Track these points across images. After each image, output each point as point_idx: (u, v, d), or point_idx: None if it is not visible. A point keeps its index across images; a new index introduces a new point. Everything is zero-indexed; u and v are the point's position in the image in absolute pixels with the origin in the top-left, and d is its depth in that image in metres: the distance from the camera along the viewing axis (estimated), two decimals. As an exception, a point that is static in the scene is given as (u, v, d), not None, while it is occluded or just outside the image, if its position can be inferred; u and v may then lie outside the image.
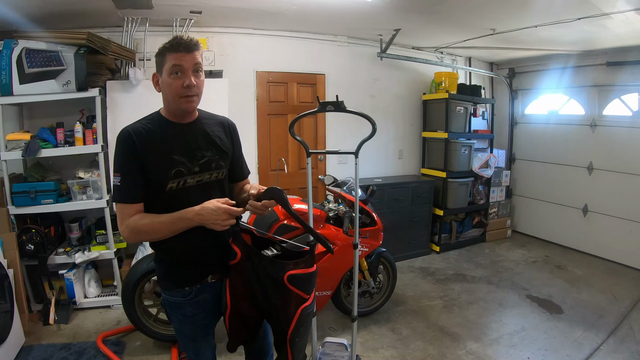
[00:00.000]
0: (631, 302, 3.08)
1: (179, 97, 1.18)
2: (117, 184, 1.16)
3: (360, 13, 3.06)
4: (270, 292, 1.24)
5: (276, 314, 1.28)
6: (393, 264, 2.91)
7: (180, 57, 1.16)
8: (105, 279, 3.15)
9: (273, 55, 3.65)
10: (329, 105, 1.77)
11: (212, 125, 1.33)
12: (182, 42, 1.16)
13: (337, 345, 2.11)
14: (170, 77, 1.17)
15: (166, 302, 1.33)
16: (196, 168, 1.24)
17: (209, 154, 1.27)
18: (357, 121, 1.90)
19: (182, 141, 1.23)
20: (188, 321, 1.31)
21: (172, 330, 2.42)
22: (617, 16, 2.75)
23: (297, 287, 1.21)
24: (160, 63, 1.19)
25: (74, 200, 2.82)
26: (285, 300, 1.23)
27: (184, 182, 1.22)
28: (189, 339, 1.35)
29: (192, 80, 1.17)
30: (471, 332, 2.67)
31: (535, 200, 4.83)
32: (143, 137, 1.17)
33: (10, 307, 2.31)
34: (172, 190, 1.20)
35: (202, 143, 1.27)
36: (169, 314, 1.35)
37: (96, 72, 2.79)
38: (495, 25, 3.28)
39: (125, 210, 1.17)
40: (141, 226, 1.16)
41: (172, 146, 1.21)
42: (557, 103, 4.61)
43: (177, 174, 1.20)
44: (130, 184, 1.16)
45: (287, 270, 1.20)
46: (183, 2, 2.77)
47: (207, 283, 1.30)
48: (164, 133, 1.22)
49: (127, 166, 1.16)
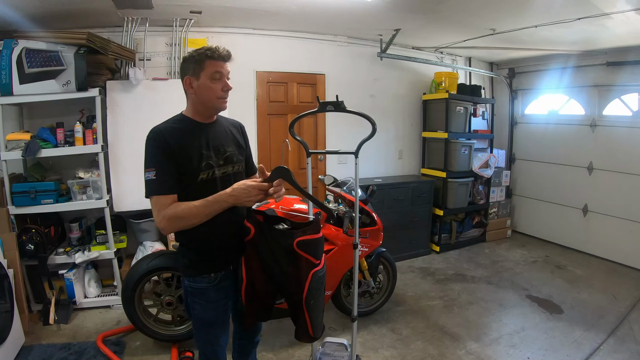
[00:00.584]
0: (631, 302, 3.08)
1: (217, 98, 1.35)
2: (153, 178, 1.26)
3: (360, 13, 3.06)
4: (283, 262, 1.37)
5: (289, 282, 1.39)
6: (393, 264, 2.91)
7: (221, 65, 1.33)
8: (105, 279, 3.15)
9: (273, 55, 3.65)
10: (329, 105, 1.77)
11: (229, 126, 1.51)
12: (222, 52, 1.33)
13: (337, 345, 2.11)
14: (211, 81, 1.32)
15: (189, 289, 1.42)
16: (221, 161, 1.40)
17: (230, 150, 1.44)
18: (357, 121, 1.89)
19: (208, 138, 1.38)
20: (211, 306, 1.41)
21: (172, 330, 2.44)
22: (617, 16, 2.75)
23: (306, 252, 1.34)
24: (198, 69, 1.31)
25: (74, 200, 2.82)
26: (297, 266, 1.35)
27: (212, 173, 1.36)
28: (208, 325, 1.44)
29: (229, 84, 1.36)
30: (471, 332, 2.67)
31: (535, 200, 4.83)
32: (175, 135, 1.30)
33: (10, 307, 2.31)
34: (203, 181, 1.34)
35: (224, 140, 1.44)
36: (190, 302, 1.43)
37: (96, 72, 2.79)
38: (495, 25, 3.28)
39: (162, 201, 1.27)
40: (179, 212, 1.26)
41: (200, 142, 1.35)
42: (557, 103, 4.61)
43: (207, 166, 1.34)
44: (166, 176, 1.27)
45: (296, 237, 1.34)
46: (183, 2, 2.77)
47: (229, 271, 1.44)
48: (192, 131, 1.36)
49: (161, 161, 1.27)
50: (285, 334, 2.61)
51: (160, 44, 3.27)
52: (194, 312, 1.44)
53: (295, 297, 1.39)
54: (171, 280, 2.42)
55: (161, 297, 2.42)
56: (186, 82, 1.34)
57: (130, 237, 3.23)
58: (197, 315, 1.43)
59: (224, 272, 1.42)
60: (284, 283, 1.41)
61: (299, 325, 1.45)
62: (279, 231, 1.39)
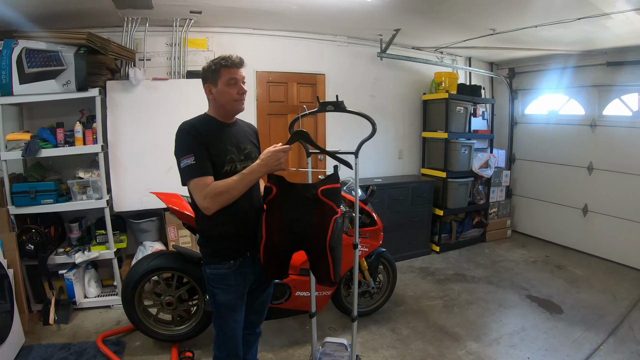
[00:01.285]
0: (631, 302, 3.08)
1: (234, 101, 1.50)
2: (192, 163, 1.38)
3: (360, 13, 3.06)
4: (305, 212, 1.52)
5: (314, 230, 1.52)
6: (393, 264, 2.91)
7: (235, 72, 1.48)
8: (105, 279, 3.15)
9: (273, 55, 3.65)
10: (329, 105, 1.76)
11: (245, 127, 1.68)
12: (235, 60, 1.48)
13: (337, 345, 2.11)
14: (228, 87, 1.47)
15: (211, 276, 1.54)
16: (242, 157, 1.54)
17: (249, 147, 1.60)
18: (357, 121, 1.89)
19: (230, 135, 1.54)
20: (232, 290, 1.54)
21: (172, 330, 2.44)
22: (617, 16, 2.75)
23: (329, 199, 1.50)
24: (215, 76, 1.47)
25: (74, 200, 2.82)
26: (321, 213, 1.51)
27: (234, 167, 1.49)
28: (230, 310, 1.56)
29: (244, 88, 1.51)
30: (471, 332, 2.67)
31: (535, 200, 4.83)
32: (203, 129, 1.45)
33: (10, 307, 2.31)
34: (227, 172, 1.46)
35: (243, 139, 1.60)
36: (212, 288, 1.55)
37: (96, 72, 2.79)
38: (495, 25, 3.28)
39: (203, 182, 1.39)
40: (219, 188, 1.39)
41: (224, 138, 1.51)
42: (557, 103, 4.61)
43: (230, 160, 1.49)
44: (204, 160, 1.40)
45: (319, 186, 1.50)
46: (183, 2, 2.77)
47: (246, 258, 1.56)
48: (216, 129, 1.51)
49: (198, 148, 1.40)
50: (285, 334, 2.61)
51: (160, 44, 3.27)
52: (216, 298, 1.54)
53: (319, 244, 1.51)
54: (171, 280, 2.42)
55: (161, 297, 2.41)
56: (206, 90, 1.51)
57: (130, 237, 3.23)
58: (219, 301, 1.54)
59: (242, 259, 1.54)
60: (307, 232, 1.53)
61: (322, 270, 1.57)
62: (302, 185, 1.54)
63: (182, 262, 2.35)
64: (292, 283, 2.39)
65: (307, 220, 1.52)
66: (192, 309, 2.50)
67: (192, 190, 1.42)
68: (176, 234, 3.09)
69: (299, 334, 2.63)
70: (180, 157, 1.42)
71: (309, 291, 2.03)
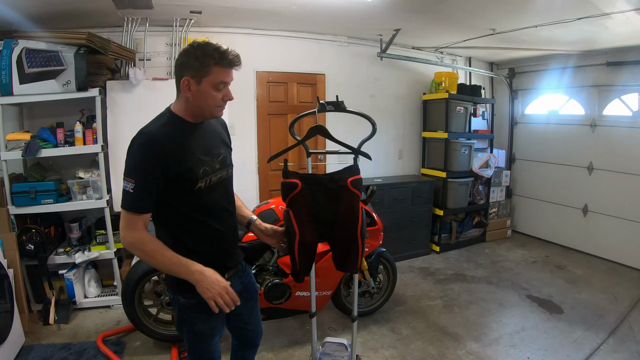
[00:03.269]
0: (631, 302, 3.08)
1: (216, 106, 1.23)
2: (129, 191, 1.12)
3: (360, 13, 3.06)
4: (334, 203, 1.51)
5: (344, 219, 1.51)
6: (393, 264, 2.91)
7: (228, 74, 1.20)
8: (105, 279, 3.15)
9: (273, 55, 3.65)
10: (329, 105, 1.76)
11: (215, 124, 1.39)
12: (232, 59, 1.18)
13: (337, 345, 2.11)
14: (213, 90, 1.18)
15: (187, 305, 1.27)
16: (217, 165, 1.29)
17: (222, 151, 1.34)
18: (357, 121, 1.89)
19: (201, 139, 1.26)
20: (213, 317, 1.28)
21: (172, 330, 2.43)
22: (617, 16, 2.75)
23: (357, 189, 1.51)
24: (201, 72, 1.16)
25: (74, 200, 2.82)
26: (351, 203, 1.51)
27: (209, 181, 1.25)
28: (209, 337, 1.34)
29: (231, 94, 1.24)
30: (471, 332, 2.67)
31: (535, 200, 4.83)
32: (168, 140, 1.16)
33: (10, 307, 2.31)
34: (200, 189, 1.23)
35: (215, 141, 1.33)
36: (188, 318, 1.30)
37: (96, 72, 2.79)
38: (495, 25, 3.28)
39: (131, 219, 1.14)
40: (146, 250, 1.15)
41: (195, 146, 1.23)
42: (557, 103, 4.61)
43: (204, 173, 1.23)
44: (143, 193, 1.13)
45: (347, 177, 1.50)
46: (183, 2, 2.77)
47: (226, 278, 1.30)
48: (185, 134, 1.23)
49: (146, 173, 1.12)
50: (285, 334, 2.61)
51: (160, 44, 3.27)
52: (195, 328, 1.30)
53: (351, 231, 1.52)
54: (171, 280, 2.42)
55: (161, 297, 2.41)
56: (183, 83, 1.18)
57: (130, 237, 3.22)
58: (198, 330, 1.31)
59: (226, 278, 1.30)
60: (335, 222, 1.53)
61: (351, 257, 1.57)
62: (327, 177, 1.53)
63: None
64: (292, 283, 2.40)
65: (335, 210, 1.52)
66: (192, 309, 2.50)
67: (121, 217, 1.16)
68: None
69: (299, 334, 2.63)
70: (124, 175, 1.14)
71: (309, 291, 2.02)
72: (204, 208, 1.25)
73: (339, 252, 1.61)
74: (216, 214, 1.30)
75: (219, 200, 1.31)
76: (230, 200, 1.38)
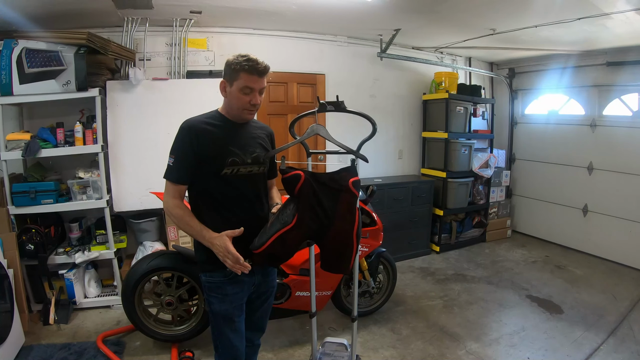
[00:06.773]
0: (631, 302, 3.08)
1: (243, 109, 1.43)
2: (170, 164, 1.40)
3: (360, 13, 3.06)
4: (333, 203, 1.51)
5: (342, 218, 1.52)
6: (393, 264, 2.91)
7: (254, 81, 1.37)
8: (105, 279, 3.15)
9: (273, 55, 3.63)
10: (329, 105, 1.76)
11: (259, 130, 1.58)
12: (258, 68, 1.36)
13: (337, 345, 2.11)
14: (240, 93, 1.39)
15: (206, 284, 1.48)
16: (249, 160, 1.47)
17: (258, 151, 1.51)
18: (357, 121, 1.89)
19: (238, 137, 1.47)
20: (227, 299, 1.47)
21: (172, 331, 2.44)
22: (617, 16, 2.75)
23: (357, 190, 1.54)
24: (233, 77, 1.38)
25: (74, 200, 2.82)
26: (351, 203, 1.54)
27: (237, 170, 1.44)
28: (226, 320, 1.49)
29: (258, 100, 1.42)
30: (471, 332, 2.67)
31: (535, 200, 4.83)
32: (204, 129, 1.40)
33: (10, 307, 2.31)
34: (227, 176, 1.42)
35: (252, 142, 1.51)
36: (208, 296, 1.49)
37: (96, 72, 2.79)
38: (495, 25, 3.28)
39: (170, 187, 1.41)
40: (173, 213, 1.40)
41: (229, 139, 1.44)
42: (557, 103, 4.61)
43: (232, 163, 1.42)
44: (180, 167, 1.39)
45: (349, 178, 1.53)
46: (183, 2, 2.77)
47: None
48: (223, 128, 1.44)
49: (183, 152, 1.38)
50: (285, 334, 2.61)
51: (160, 44, 3.27)
52: (212, 307, 1.49)
53: (346, 232, 1.54)
54: (171, 280, 2.42)
55: (161, 297, 2.41)
56: (221, 85, 1.43)
57: (130, 237, 3.23)
58: (214, 310, 1.48)
59: None
60: (333, 222, 1.52)
61: (345, 258, 1.59)
62: (327, 176, 1.53)
63: (182, 262, 2.35)
64: (292, 283, 2.40)
65: (334, 209, 1.52)
66: (192, 309, 2.50)
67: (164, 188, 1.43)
68: (176, 234, 3.09)
69: (299, 334, 2.63)
70: (169, 152, 1.42)
71: (309, 291, 2.03)
72: (228, 193, 1.44)
73: (332, 252, 1.61)
74: (238, 201, 1.46)
75: (245, 190, 1.47)
76: (257, 195, 1.52)
